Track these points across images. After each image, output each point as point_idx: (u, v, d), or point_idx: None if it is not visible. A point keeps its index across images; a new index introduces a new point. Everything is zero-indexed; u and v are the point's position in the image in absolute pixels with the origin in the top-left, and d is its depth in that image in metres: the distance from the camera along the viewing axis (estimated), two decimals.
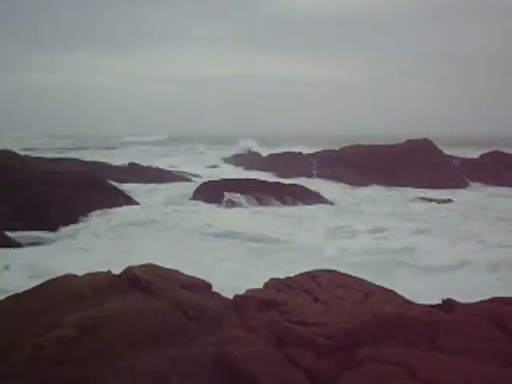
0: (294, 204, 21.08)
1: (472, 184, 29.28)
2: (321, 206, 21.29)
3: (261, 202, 20.89)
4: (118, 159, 34.86)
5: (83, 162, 29.28)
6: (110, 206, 18.66)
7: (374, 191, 26.31)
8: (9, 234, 15.04)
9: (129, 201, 20.13)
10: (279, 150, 40.56)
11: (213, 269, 10.96)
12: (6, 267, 11.95)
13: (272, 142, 62.98)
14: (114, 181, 23.26)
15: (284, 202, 21.12)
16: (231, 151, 49.04)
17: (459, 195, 25.25)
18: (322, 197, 22.38)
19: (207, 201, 21.01)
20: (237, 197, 20.82)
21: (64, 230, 16.22)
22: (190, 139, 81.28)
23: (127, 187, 23.25)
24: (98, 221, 17.35)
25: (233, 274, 11.07)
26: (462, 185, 28.72)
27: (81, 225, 16.90)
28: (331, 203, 21.98)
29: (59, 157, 31.75)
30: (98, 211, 18.17)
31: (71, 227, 16.50)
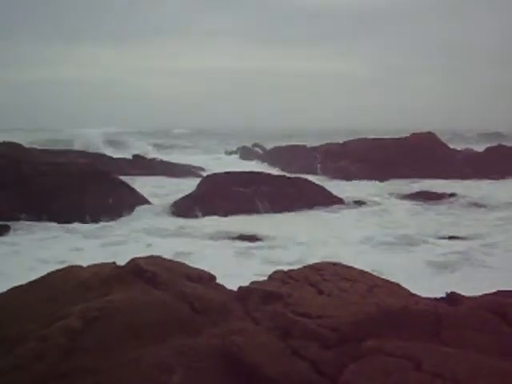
0: (303, 203, 20.49)
1: (476, 178, 29.17)
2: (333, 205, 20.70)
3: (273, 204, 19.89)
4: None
5: (87, 153, 29.34)
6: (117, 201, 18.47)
7: (377, 187, 26.06)
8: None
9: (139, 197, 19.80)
10: (282, 144, 40.47)
11: None
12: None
13: (273, 136, 62.82)
14: (119, 174, 23.04)
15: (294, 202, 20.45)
16: (234, 145, 49.12)
17: (463, 189, 25.02)
18: (332, 194, 21.67)
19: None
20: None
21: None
22: (191, 133, 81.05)
23: (131, 180, 23.11)
24: None
25: None
26: (466, 179, 28.58)
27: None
28: (343, 201, 21.31)
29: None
30: None
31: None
